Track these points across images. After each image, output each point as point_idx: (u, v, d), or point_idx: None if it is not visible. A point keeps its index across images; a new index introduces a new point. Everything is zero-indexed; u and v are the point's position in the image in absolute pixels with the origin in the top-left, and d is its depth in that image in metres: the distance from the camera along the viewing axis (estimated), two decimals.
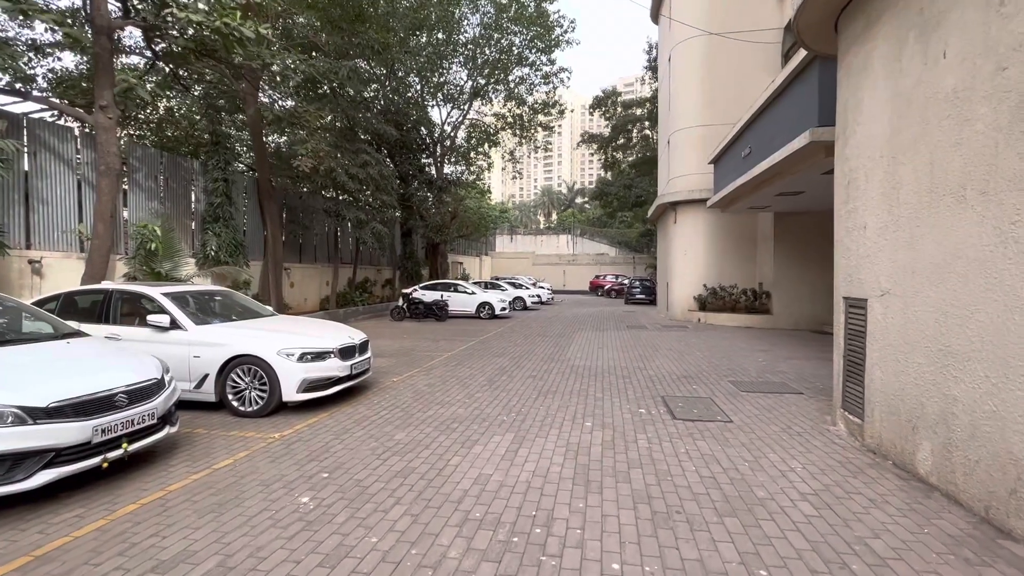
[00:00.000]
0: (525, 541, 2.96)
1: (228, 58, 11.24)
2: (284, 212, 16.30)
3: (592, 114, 37.05)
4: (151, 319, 5.67)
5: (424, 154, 24.05)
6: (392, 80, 20.71)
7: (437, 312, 16.76)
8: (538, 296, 25.28)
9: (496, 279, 29.41)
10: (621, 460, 4.25)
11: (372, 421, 5.40)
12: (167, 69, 13.06)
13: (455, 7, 20.91)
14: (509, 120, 26.29)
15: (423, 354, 9.84)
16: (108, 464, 3.67)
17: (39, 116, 10.59)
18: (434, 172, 24.15)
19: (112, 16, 8.65)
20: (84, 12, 9.88)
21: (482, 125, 26.36)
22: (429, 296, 17.76)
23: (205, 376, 5.65)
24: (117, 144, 9.04)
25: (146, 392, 4.02)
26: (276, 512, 3.33)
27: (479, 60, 23.21)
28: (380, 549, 2.87)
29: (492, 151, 27.56)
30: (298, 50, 12.79)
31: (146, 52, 11.86)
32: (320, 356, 5.81)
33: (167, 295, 6.02)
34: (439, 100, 24.16)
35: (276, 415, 5.63)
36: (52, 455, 3.36)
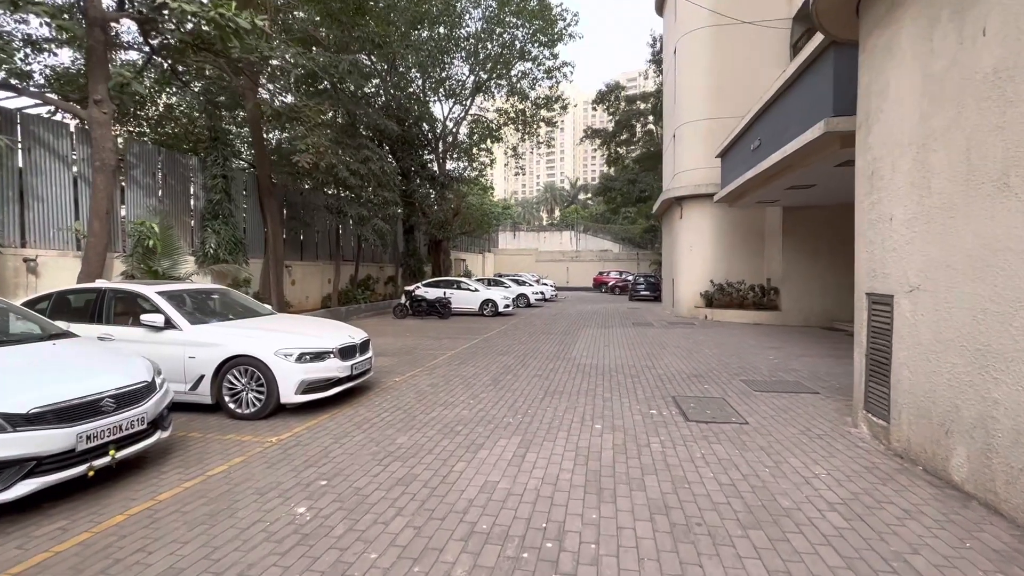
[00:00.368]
0: (536, 557, 2.75)
1: (226, 52, 11.04)
2: (285, 209, 16.09)
3: (595, 109, 36.69)
4: (145, 319, 5.49)
5: (426, 150, 23.81)
6: (393, 75, 20.46)
7: (440, 309, 16.58)
8: (542, 293, 25.04)
9: (499, 276, 29.20)
10: (634, 465, 4.04)
11: (373, 424, 5.21)
12: (165, 65, 12.86)
13: (456, 0, 20.64)
14: (511, 115, 26.02)
15: (426, 353, 9.65)
16: (95, 472, 3.48)
17: (35, 112, 10.42)
18: (436, 168, 23.92)
19: (106, 8, 8.45)
20: (78, 4, 9.69)
21: (484, 121, 26.09)
22: (432, 293, 17.56)
23: (201, 377, 5.47)
24: (112, 139, 8.85)
25: (135, 396, 3.82)
26: (270, 524, 3.13)
27: (481, 55, 22.94)
28: (380, 567, 2.67)
29: (494, 147, 27.29)
30: (297, 44, 12.55)
31: (144, 48, 11.66)
32: (319, 356, 5.61)
33: (162, 294, 5.83)
34: (441, 95, 23.90)
35: (274, 417, 5.44)
36: (33, 464, 3.17)
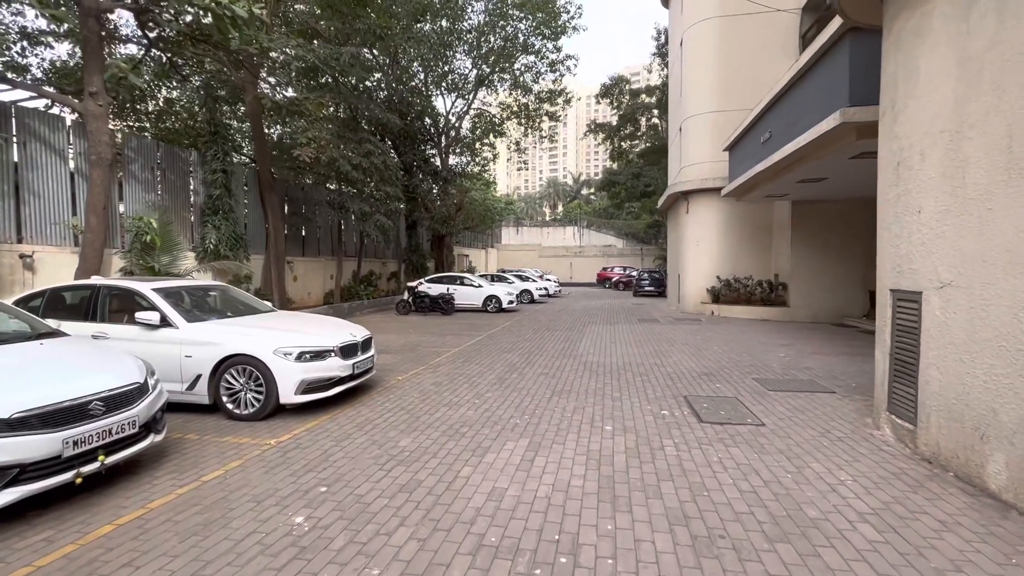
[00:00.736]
0: (549, 574, 2.57)
1: (225, 44, 10.82)
2: (286, 204, 15.91)
3: (599, 102, 36.34)
4: (140, 316, 5.31)
5: (428, 144, 23.56)
6: (395, 69, 20.20)
7: (443, 306, 16.39)
8: (545, 289, 24.81)
9: (502, 272, 28.98)
10: (649, 471, 3.85)
11: (376, 425, 5.03)
12: (164, 58, 12.66)
13: None
14: (514, 109, 25.73)
15: (429, 350, 9.47)
16: (82, 480, 3.31)
17: (32, 106, 10.23)
18: (439, 163, 23.68)
19: None
20: None
21: (487, 115, 25.81)
22: (435, 289, 17.37)
23: (198, 377, 5.30)
24: (109, 133, 8.67)
25: (126, 398, 3.65)
26: (266, 535, 2.96)
27: (484, 48, 22.64)
28: None
29: (497, 141, 27.02)
30: (297, 36, 12.33)
31: (142, 41, 11.47)
32: (319, 355, 5.44)
33: (157, 291, 5.66)
34: (443, 89, 23.62)
35: (274, 418, 5.27)
36: (16, 471, 3.00)
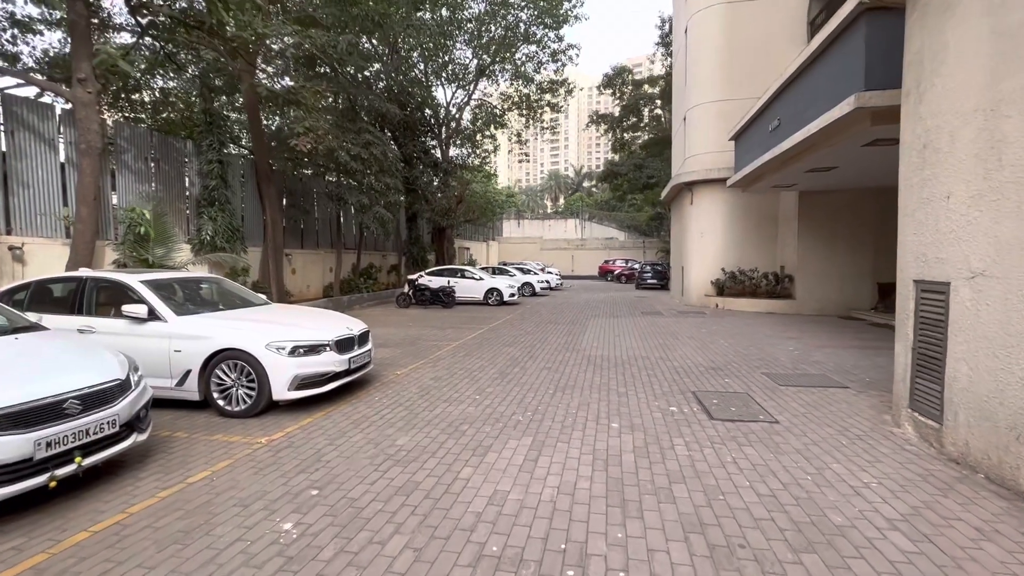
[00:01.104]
0: None
1: (220, 31, 10.54)
2: (284, 196, 15.65)
3: (601, 93, 35.93)
4: (127, 309, 5.10)
5: (429, 136, 23.25)
6: (395, 58, 19.85)
7: (444, 299, 16.19)
8: (547, 282, 24.58)
9: (504, 264, 28.73)
10: (659, 472, 3.64)
11: (372, 422, 4.83)
12: (157, 46, 12.37)
13: None
14: (516, 100, 25.35)
15: (429, 344, 9.27)
16: (57, 483, 3.11)
17: (23, 95, 9.97)
18: (439, 154, 23.37)
19: None
20: None
21: (488, 106, 25.45)
22: (435, 282, 17.16)
23: (187, 372, 5.10)
24: (99, 121, 8.43)
25: (106, 396, 3.44)
26: (251, 544, 2.76)
27: (484, 38, 22.25)
28: None
29: (498, 133, 26.68)
30: (293, 22, 12.02)
31: (136, 28, 11.19)
32: (314, 349, 5.23)
33: (146, 283, 5.45)
34: (443, 80, 23.26)
35: (266, 415, 5.07)
36: None
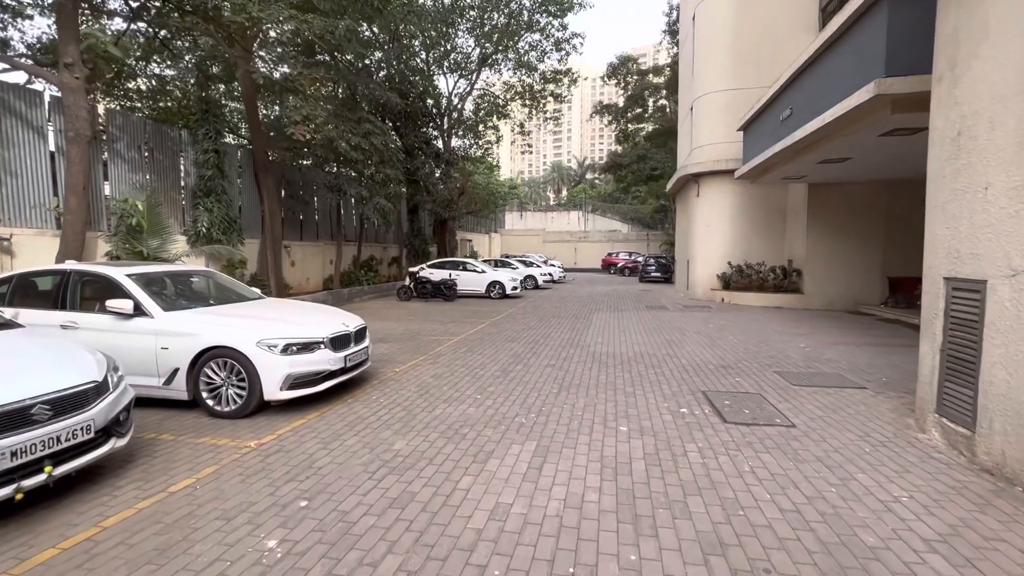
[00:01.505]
0: None
1: (216, 16, 10.22)
2: (283, 187, 15.37)
3: (605, 83, 35.38)
4: (111, 304, 4.87)
5: (430, 126, 22.86)
6: (396, 47, 19.45)
7: (445, 292, 15.95)
8: (550, 274, 24.32)
9: (506, 257, 28.46)
10: (673, 482, 3.41)
11: (368, 424, 4.60)
12: (151, 31, 12.05)
13: None
14: (519, 90, 24.92)
15: (430, 339, 9.03)
16: (24, 495, 2.89)
17: (12, 81, 9.69)
18: (441, 145, 23.00)
19: None
20: None
21: (490, 96, 25.02)
22: (437, 275, 16.91)
23: (175, 371, 4.87)
24: (88, 107, 8.15)
25: (79, 399, 3.21)
26: (231, 565, 2.53)
27: (487, 26, 21.80)
28: None
29: (501, 123, 26.26)
30: (290, 7, 11.66)
31: (128, 15, 10.87)
32: (307, 347, 4.99)
33: (132, 276, 5.21)
34: (445, 69, 22.84)
35: (257, 416, 4.84)
36: None
